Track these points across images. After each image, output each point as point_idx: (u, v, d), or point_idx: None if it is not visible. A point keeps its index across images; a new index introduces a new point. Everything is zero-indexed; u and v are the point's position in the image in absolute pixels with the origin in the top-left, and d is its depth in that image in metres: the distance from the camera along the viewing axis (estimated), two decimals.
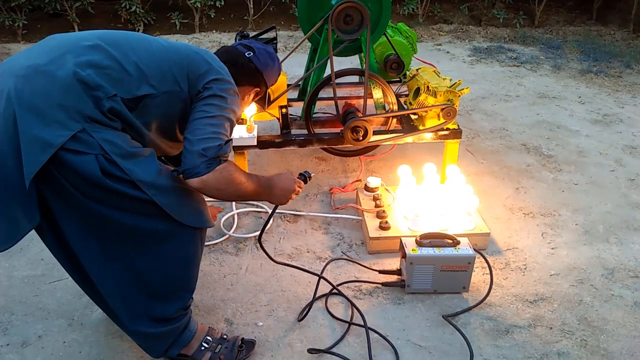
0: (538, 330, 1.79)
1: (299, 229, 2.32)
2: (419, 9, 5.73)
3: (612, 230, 2.34)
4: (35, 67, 1.27)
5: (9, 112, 1.22)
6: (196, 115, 1.41)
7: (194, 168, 1.35)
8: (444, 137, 2.47)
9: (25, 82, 1.24)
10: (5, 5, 4.81)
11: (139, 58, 1.36)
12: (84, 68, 1.28)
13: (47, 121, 1.22)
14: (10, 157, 1.23)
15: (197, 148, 1.35)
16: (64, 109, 1.24)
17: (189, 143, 1.37)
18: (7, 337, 1.75)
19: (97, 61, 1.30)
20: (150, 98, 1.36)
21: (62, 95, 1.25)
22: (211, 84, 1.43)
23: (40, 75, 1.26)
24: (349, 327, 1.79)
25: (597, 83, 4.14)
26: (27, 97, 1.23)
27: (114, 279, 1.44)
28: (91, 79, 1.27)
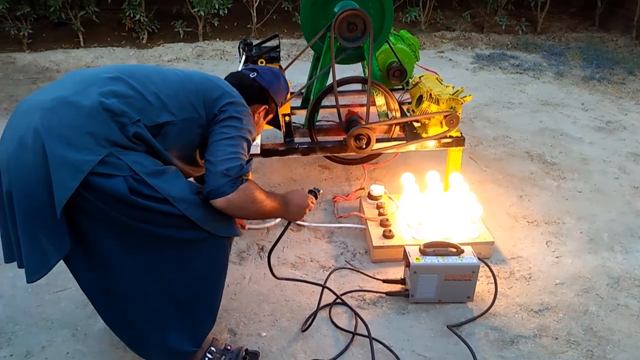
0: (544, 340, 1.78)
1: (302, 237, 2.32)
2: (421, 16, 5.74)
3: (616, 238, 2.32)
4: (61, 99, 1.32)
5: (38, 144, 1.26)
6: (215, 138, 1.47)
7: (218, 188, 1.40)
8: (447, 145, 2.47)
9: (52, 114, 1.29)
10: (11, 14, 4.84)
11: (157, 88, 1.43)
12: (108, 97, 1.34)
13: (76, 148, 1.27)
14: (42, 188, 1.27)
15: (220, 169, 1.41)
16: (92, 135, 1.29)
17: (211, 165, 1.43)
18: (11, 347, 1.75)
19: (119, 91, 1.37)
20: (170, 125, 1.43)
21: (89, 123, 1.30)
22: (226, 107, 1.50)
23: (66, 106, 1.31)
24: (353, 338, 1.78)
25: (600, 90, 4.13)
26: (55, 127, 1.28)
27: (148, 292, 1.46)
28: (116, 106, 1.33)
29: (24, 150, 1.27)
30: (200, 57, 4.92)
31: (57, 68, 4.56)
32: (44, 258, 1.33)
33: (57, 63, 4.65)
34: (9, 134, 1.33)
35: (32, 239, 1.31)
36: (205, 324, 1.58)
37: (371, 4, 2.50)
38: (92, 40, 5.21)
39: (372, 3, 2.50)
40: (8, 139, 1.32)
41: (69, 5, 4.95)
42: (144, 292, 1.46)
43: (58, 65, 4.60)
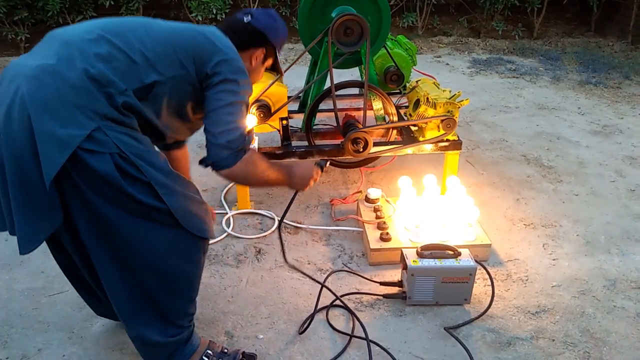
0: (540, 342, 1.78)
1: (299, 240, 2.32)
2: (418, 21, 5.77)
3: (613, 241, 2.33)
4: (46, 68, 1.26)
5: (24, 114, 1.22)
6: (212, 105, 1.43)
7: (221, 161, 1.42)
8: (444, 149, 2.48)
9: (37, 84, 1.24)
10: (8, 18, 4.85)
11: (143, 45, 1.36)
12: (93, 64, 1.28)
13: (62, 121, 1.23)
14: (29, 159, 1.23)
15: (222, 141, 1.41)
16: (78, 108, 1.25)
17: (211, 136, 1.42)
18: (7, 350, 1.74)
19: (103, 54, 1.30)
20: (159, 85, 1.36)
21: (75, 95, 1.25)
22: (220, 67, 1.43)
23: (51, 75, 1.25)
24: (350, 340, 1.78)
25: (597, 94, 4.15)
26: (41, 98, 1.23)
27: (121, 285, 1.43)
28: (101, 75, 1.27)
29: (11, 120, 1.23)
30: None
31: None
32: (35, 229, 1.29)
33: None
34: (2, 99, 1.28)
35: (24, 208, 1.28)
36: (176, 316, 1.52)
37: (368, 9, 2.51)
38: None
39: (369, 8, 2.51)
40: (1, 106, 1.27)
41: (67, 10, 4.96)
42: (118, 283, 1.42)
43: None
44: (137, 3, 5.02)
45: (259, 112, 2.40)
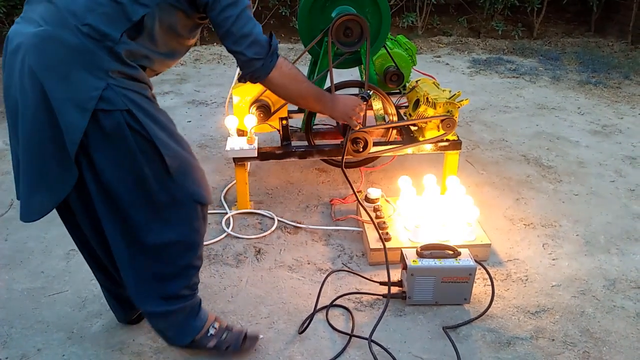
0: (540, 342, 1.78)
1: (299, 240, 2.32)
2: (418, 21, 5.77)
3: (613, 241, 2.33)
4: (42, 35, 1.26)
5: (36, 84, 1.25)
6: (224, 27, 1.43)
7: (257, 71, 1.50)
8: (443, 148, 2.48)
9: (40, 52, 1.26)
10: (8, 19, 4.85)
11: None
12: (82, 20, 1.26)
13: (74, 86, 1.26)
14: (45, 127, 1.28)
15: (250, 55, 1.46)
16: (85, 69, 1.26)
17: (239, 54, 1.46)
18: (6, 350, 1.74)
19: (88, 5, 1.28)
20: (147, 17, 1.32)
21: (78, 56, 1.26)
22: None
23: (50, 41, 1.26)
24: (350, 340, 1.78)
25: (596, 94, 4.15)
26: (48, 66, 1.25)
27: (126, 252, 1.46)
28: (93, 30, 1.27)
29: (25, 91, 1.27)
30: (197, 62, 4.93)
31: None
32: (45, 199, 1.35)
33: None
34: (8, 78, 1.32)
35: (37, 176, 1.33)
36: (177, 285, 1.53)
37: (368, 9, 2.51)
38: None
39: (369, 8, 2.51)
40: (10, 83, 1.31)
41: None
42: (118, 245, 1.45)
43: None
44: None
45: (259, 112, 2.40)
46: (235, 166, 2.41)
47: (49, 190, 1.35)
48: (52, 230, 2.36)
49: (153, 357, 1.72)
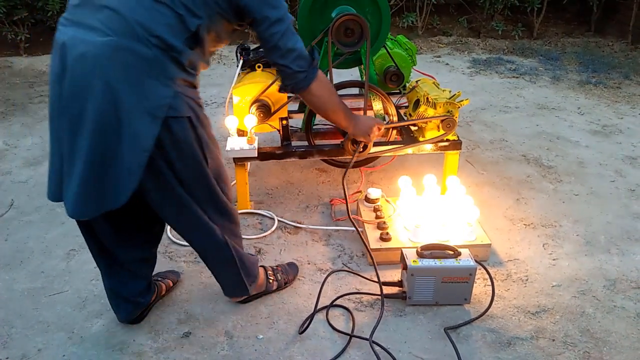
0: (540, 342, 1.78)
1: (299, 240, 2.32)
2: (418, 21, 5.77)
3: (613, 241, 2.33)
4: (113, 45, 1.30)
5: (109, 94, 1.30)
6: (271, 42, 1.52)
7: (299, 83, 1.63)
8: (444, 149, 2.48)
9: (115, 62, 1.31)
10: (8, 18, 4.85)
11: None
12: (150, 30, 1.32)
13: (147, 94, 1.33)
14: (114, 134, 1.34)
15: (295, 69, 1.58)
16: (156, 78, 1.34)
17: (284, 67, 1.58)
18: (7, 350, 1.74)
19: (154, 16, 1.34)
20: (201, 28, 1.41)
21: (150, 67, 1.33)
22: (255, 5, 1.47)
23: (123, 52, 1.31)
24: (350, 340, 1.77)
25: (596, 94, 4.15)
26: (122, 77, 1.31)
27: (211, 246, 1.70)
28: (162, 41, 1.34)
29: (95, 101, 1.31)
30: None
31: None
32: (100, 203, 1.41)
33: None
34: (72, 85, 1.33)
35: (96, 180, 1.37)
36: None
37: (368, 9, 2.51)
38: None
39: (369, 8, 2.51)
40: (76, 91, 1.33)
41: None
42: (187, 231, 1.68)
43: None
44: None
45: (259, 112, 2.40)
46: (236, 166, 2.41)
47: (109, 192, 1.39)
48: (52, 230, 2.36)
49: (154, 357, 1.72)
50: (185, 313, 1.90)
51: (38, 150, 3.15)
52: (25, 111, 3.73)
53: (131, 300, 1.77)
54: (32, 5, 4.87)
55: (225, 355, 1.72)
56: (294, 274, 2.05)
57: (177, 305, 1.93)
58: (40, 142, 3.25)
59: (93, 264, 2.13)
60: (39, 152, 3.12)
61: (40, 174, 2.85)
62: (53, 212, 2.49)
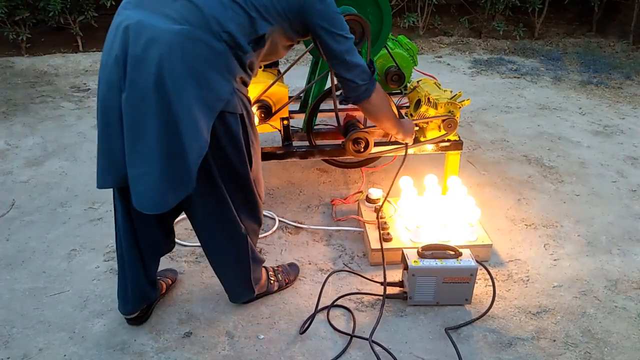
0: (541, 342, 1.78)
1: (300, 240, 2.32)
2: (419, 21, 5.77)
3: (614, 241, 2.33)
4: (186, 34, 1.35)
5: (174, 82, 1.34)
6: (338, 58, 1.62)
7: (361, 94, 1.71)
8: (445, 149, 2.47)
9: (183, 51, 1.34)
10: (10, 19, 4.85)
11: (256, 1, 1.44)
12: (224, 26, 1.38)
13: (209, 86, 1.38)
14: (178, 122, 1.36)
15: (359, 81, 1.67)
16: (220, 72, 1.39)
17: (349, 81, 1.67)
18: (8, 350, 1.74)
19: (229, 15, 1.39)
20: (268, 34, 1.48)
21: (216, 60, 1.38)
22: (318, 21, 1.54)
23: (194, 42, 1.35)
24: (351, 340, 1.77)
25: (598, 94, 4.15)
26: (188, 66, 1.35)
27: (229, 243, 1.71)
28: (232, 39, 1.40)
29: (163, 83, 1.34)
30: None
31: (55, 72, 4.57)
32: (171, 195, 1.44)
33: (55, 67, 4.66)
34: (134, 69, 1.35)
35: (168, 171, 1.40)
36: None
37: (369, 9, 2.51)
38: (90, 44, 5.22)
39: (370, 8, 2.51)
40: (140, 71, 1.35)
41: (68, 10, 4.97)
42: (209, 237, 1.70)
43: (56, 70, 4.61)
44: None
45: (260, 112, 2.40)
46: None
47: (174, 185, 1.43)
48: (53, 230, 2.36)
49: (155, 357, 1.72)
50: (186, 313, 1.90)
51: (39, 150, 3.15)
52: (27, 111, 3.73)
53: (142, 295, 1.79)
54: (33, 6, 4.88)
55: (226, 355, 1.72)
56: (294, 274, 2.05)
57: (178, 305, 1.93)
58: (42, 142, 3.26)
59: (94, 264, 2.14)
60: (40, 152, 3.12)
61: (42, 174, 2.85)
62: (54, 212, 2.49)
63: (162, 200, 1.44)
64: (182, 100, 1.35)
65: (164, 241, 1.78)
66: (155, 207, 1.45)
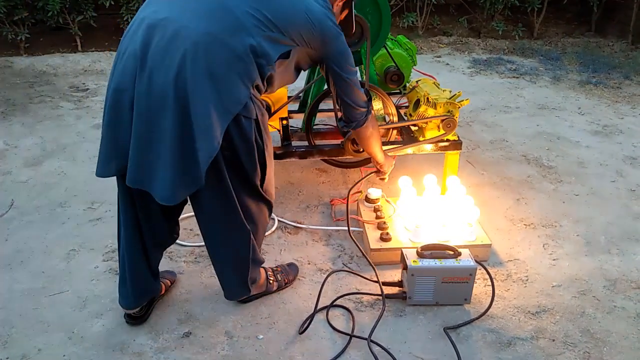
0: (540, 342, 1.78)
1: (299, 240, 2.32)
2: (418, 21, 5.77)
3: (613, 241, 2.33)
4: (214, 36, 1.40)
5: (194, 80, 1.38)
6: (342, 91, 1.78)
7: (360, 121, 1.87)
8: (444, 149, 2.47)
9: (207, 52, 1.39)
10: (8, 18, 4.85)
11: (281, 16, 1.50)
12: (254, 35, 1.44)
13: (227, 88, 1.42)
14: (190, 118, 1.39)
15: (362, 108, 1.84)
16: (240, 77, 1.44)
17: (352, 108, 1.82)
18: (7, 350, 1.74)
19: (260, 27, 1.45)
20: (291, 52, 1.56)
21: (238, 65, 1.43)
22: (332, 57, 1.69)
23: (220, 46, 1.41)
24: (350, 340, 1.77)
25: (597, 94, 4.15)
26: (210, 66, 1.39)
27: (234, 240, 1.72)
28: (260, 47, 1.45)
29: (184, 80, 1.37)
30: None
31: (54, 72, 4.56)
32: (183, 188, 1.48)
33: (54, 67, 4.65)
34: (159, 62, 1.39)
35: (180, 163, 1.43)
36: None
37: (369, 9, 2.51)
38: (89, 44, 5.22)
39: (369, 8, 2.51)
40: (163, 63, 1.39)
41: (67, 10, 4.96)
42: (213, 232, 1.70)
43: (55, 70, 4.61)
44: (137, 3, 5.02)
45: None
46: None
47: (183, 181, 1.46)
48: (52, 230, 2.36)
49: (154, 357, 1.72)
50: (186, 313, 1.90)
51: (38, 150, 3.15)
52: (26, 111, 3.73)
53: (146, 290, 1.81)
54: (32, 5, 4.87)
55: (225, 355, 1.72)
56: (294, 274, 2.05)
57: (177, 305, 1.93)
58: (41, 142, 3.26)
59: (93, 264, 2.14)
60: (39, 152, 3.12)
61: (41, 174, 2.85)
62: (53, 212, 2.49)
63: (171, 193, 1.47)
64: (200, 99, 1.38)
65: (168, 231, 1.78)
66: (165, 199, 1.48)
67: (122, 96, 1.45)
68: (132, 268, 1.75)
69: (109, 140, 1.51)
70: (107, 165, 1.53)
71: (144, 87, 1.41)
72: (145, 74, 1.40)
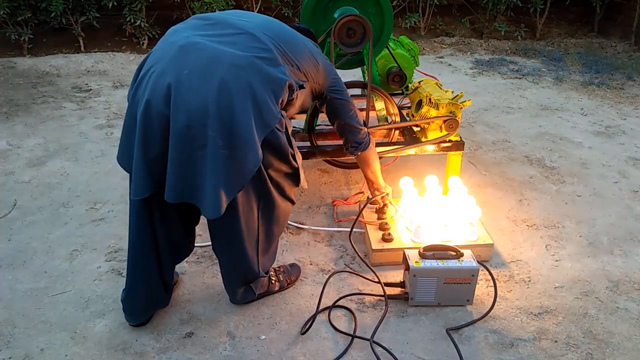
0: (543, 343, 1.78)
1: (302, 241, 2.32)
2: (421, 22, 5.77)
3: (616, 242, 2.32)
4: (251, 61, 1.54)
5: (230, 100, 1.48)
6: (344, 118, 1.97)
7: (365, 144, 2.03)
8: (446, 149, 2.47)
9: (242, 70, 1.51)
10: (12, 19, 4.86)
11: (296, 54, 1.70)
12: (281, 69, 1.60)
13: (260, 106, 1.52)
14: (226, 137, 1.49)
15: (364, 127, 2.02)
16: (273, 94, 1.56)
17: (356, 132, 1.99)
18: (9, 350, 1.74)
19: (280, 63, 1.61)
20: (303, 86, 1.73)
21: (273, 87, 1.56)
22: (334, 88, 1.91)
23: (256, 70, 1.54)
24: (352, 341, 1.77)
25: (599, 95, 4.14)
26: (248, 87, 1.51)
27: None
28: (289, 77, 1.61)
29: (228, 93, 1.48)
30: None
31: (57, 73, 4.57)
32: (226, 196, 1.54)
33: (57, 68, 4.67)
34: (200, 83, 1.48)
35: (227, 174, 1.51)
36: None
37: (371, 10, 2.51)
38: (92, 45, 5.23)
39: (371, 9, 2.51)
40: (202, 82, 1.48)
41: (70, 11, 4.98)
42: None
43: (58, 70, 4.62)
44: (140, 4, 5.03)
45: None
46: None
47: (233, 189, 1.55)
48: (55, 230, 2.37)
49: (156, 357, 1.72)
50: (188, 313, 1.90)
51: (41, 150, 3.16)
52: (29, 112, 3.74)
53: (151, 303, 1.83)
54: (35, 6, 4.89)
55: (227, 356, 1.72)
56: (296, 274, 2.05)
57: (179, 306, 1.93)
58: (43, 142, 3.26)
59: (96, 264, 2.15)
60: (41, 153, 3.13)
61: (43, 174, 2.85)
62: (56, 212, 2.50)
63: (219, 205, 1.52)
64: (243, 112, 1.48)
65: (185, 244, 1.85)
66: (214, 213, 1.53)
67: (151, 114, 1.50)
68: (145, 284, 1.77)
69: (141, 160, 1.54)
70: (143, 186, 1.57)
71: (181, 106, 1.47)
72: (182, 93, 1.47)
